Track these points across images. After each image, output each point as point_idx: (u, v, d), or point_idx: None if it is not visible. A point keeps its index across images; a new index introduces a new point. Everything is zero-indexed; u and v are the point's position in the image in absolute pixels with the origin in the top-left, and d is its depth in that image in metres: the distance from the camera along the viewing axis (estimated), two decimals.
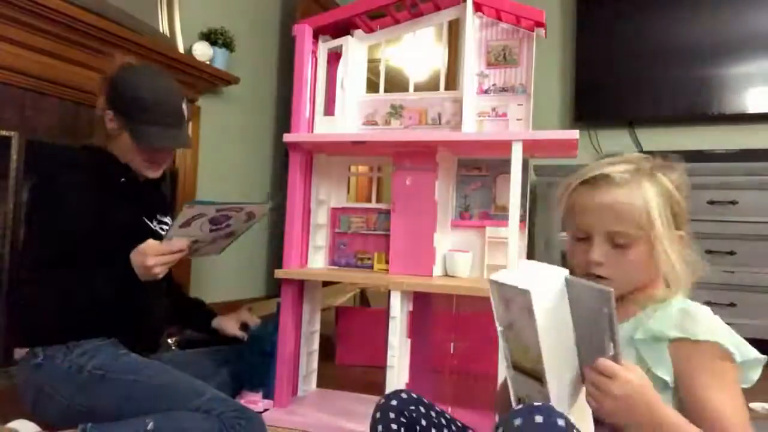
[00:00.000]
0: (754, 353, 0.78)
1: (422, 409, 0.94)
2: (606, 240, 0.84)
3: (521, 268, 0.79)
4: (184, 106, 1.42)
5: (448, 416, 0.97)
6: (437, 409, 0.97)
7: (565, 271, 0.76)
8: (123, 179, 1.39)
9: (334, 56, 1.72)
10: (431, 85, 1.84)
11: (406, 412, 0.93)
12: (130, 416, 1.16)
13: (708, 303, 0.85)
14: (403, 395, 0.96)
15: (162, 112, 1.36)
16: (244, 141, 3.11)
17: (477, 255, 1.63)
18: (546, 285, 0.73)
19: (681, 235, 0.86)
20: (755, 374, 0.79)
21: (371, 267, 1.69)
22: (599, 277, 0.84)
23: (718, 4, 3.01)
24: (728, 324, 0.80)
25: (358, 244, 1.73)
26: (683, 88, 3.07)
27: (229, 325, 1.61)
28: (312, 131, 1.69)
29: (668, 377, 0.78)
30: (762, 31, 2.94)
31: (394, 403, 0.94)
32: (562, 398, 0.74)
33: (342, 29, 1.70)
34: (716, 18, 3.01)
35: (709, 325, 0.78)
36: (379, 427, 0.93)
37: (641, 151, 3.16)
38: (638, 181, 0.84)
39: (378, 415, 0.94)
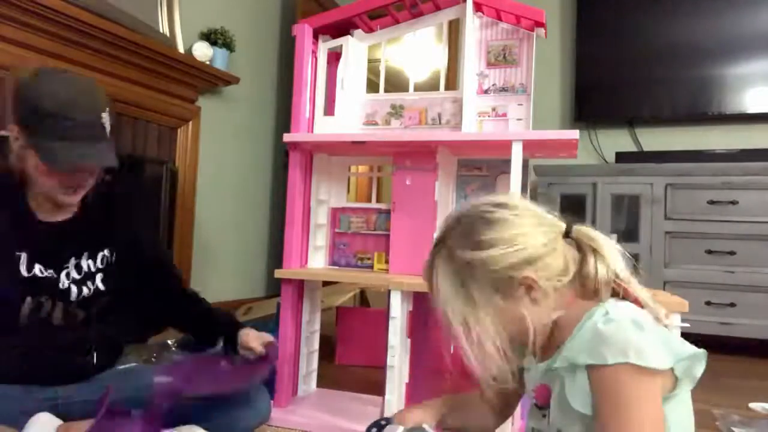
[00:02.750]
0: (687, 351, 0.72)
1: None
2: None
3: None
4: (104, 116, 1.16)
5: None
6: None
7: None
8: None
9: (334, 56, 1.72)
10: (431, 85, 1.84)
11: None
12: None
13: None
14: (383, 422, 0.99)
15: (68, 125, 1.10)
16: (244, 141, 3.11)
17: None
18: None
19: (520, 283, 0.77)
20: (698, 370, 0.73)
21: (371, 267, 1.69)
22: None
23: (718, 4, 3.01)
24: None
25: (358, 244, 1.73)
26: (683, 88, 3.07)
27: (253, 342, 1.36)
28: (312, 131, 1.69)
29: (586, 409, 0.73)
30: (762, 31, 2.94)
31: (374, 430, 0.98)
32: None
33: (342, 29, 1.70)
34: (716, 18, 3.01)
35: (622, 344, 0.70)
36: None
37: (641, 151, 3.17)
38: (431, 269, 0.84)
39: None
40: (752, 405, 1.79)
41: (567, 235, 0.81)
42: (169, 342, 1.99)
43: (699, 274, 2.64)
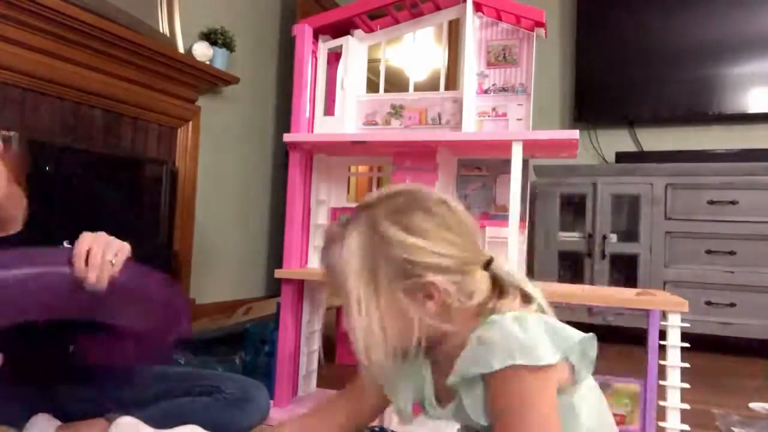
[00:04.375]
0: (575, 338, 0.69)
1: None
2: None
3: None
4: None
5: None
6: None
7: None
8: None
9: (334, 56, 1.72)
10: (431, 85, 1.84)
11: None
12: None
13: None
14: (377, 428, 1.02)
15: None
16: (244, 141, 3.11)
17: None
18: None
19: (420, 287, 0.72)
20: (592, 353, 0.70)
21: None
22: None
23: (718, 5, 3.01)
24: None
25: None
26: (683, 88, 3.07)
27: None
28: (312, 131, 1.69)
29: (481, 419, 0.71)
30: (762, 31, 2.94)
31: None
32: None
33: (342, 29, 1.70)
34: (716, 18, 3.01)
35: (504, 345, 0.67)
36: None
37: (641, 151, 3.17)
38: (343, 241, 0.75)
39: None
40: (752, 405, 1.79)
41: (486, 267, 0.77)
42: None
43: (699, 274, 2.64)
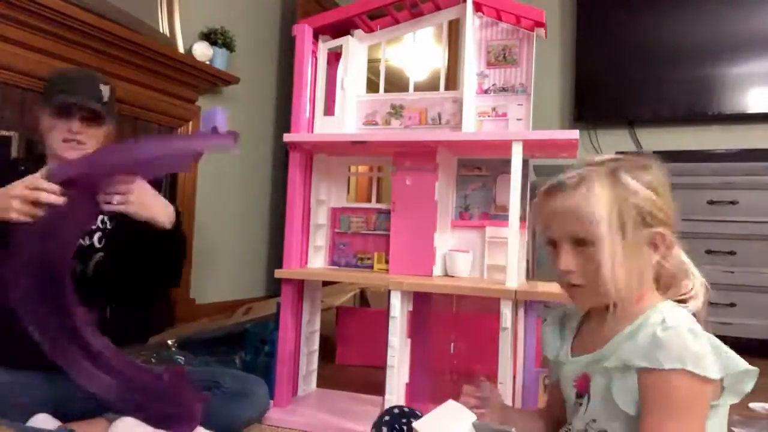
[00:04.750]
0: (740, 366, 0.73)
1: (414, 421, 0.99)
2: (570, 244, 0.82)
3: (438, 414, 0.88)
4: (102, 86, 1.36)
5: None
6: None
7: (473, 417, 0.86)
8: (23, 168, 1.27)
9: (334, 56, 1.72)
10: (431, 85, 1.84)
11: (397, 425, 0.98)
12: None
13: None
14: (396, 410, 1.02)
15: (68, 82, 1.34)
16: (244, 141, 3.08)
17: (477, 255, 1.63)
18: None
19: (652, 236, 0.81)
20: (747, 386, 0.75)
21: (371, 267, 1.68)
22: (575, 286, 0.83)
23: (718, 4, 3.01)
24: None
25: (358, 244, 1.73)
26: (683, 88, 3.07)
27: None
28: (312, 131, 1.69)
29: (630, 409, 0.75)
30: (762, 31, 2.94)
31: (387, 418, 1.00)
32: None
33: (342, 29, 1.70)
34: (716, 18, 3.01)
35: (679, 350, 0.71)
36: None
37: (641, 151, 3.16)
38: (590, 183, 0.81)
39: (373, 431, 1.01)
40: (752, 405, 1.79)
41: None
42: (169, 342, 1.99)
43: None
